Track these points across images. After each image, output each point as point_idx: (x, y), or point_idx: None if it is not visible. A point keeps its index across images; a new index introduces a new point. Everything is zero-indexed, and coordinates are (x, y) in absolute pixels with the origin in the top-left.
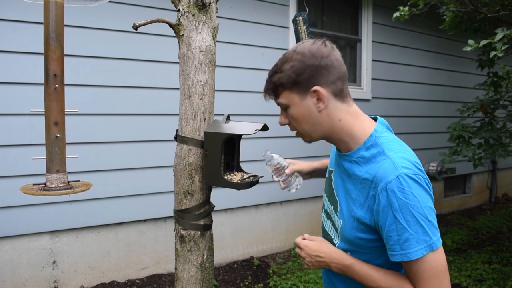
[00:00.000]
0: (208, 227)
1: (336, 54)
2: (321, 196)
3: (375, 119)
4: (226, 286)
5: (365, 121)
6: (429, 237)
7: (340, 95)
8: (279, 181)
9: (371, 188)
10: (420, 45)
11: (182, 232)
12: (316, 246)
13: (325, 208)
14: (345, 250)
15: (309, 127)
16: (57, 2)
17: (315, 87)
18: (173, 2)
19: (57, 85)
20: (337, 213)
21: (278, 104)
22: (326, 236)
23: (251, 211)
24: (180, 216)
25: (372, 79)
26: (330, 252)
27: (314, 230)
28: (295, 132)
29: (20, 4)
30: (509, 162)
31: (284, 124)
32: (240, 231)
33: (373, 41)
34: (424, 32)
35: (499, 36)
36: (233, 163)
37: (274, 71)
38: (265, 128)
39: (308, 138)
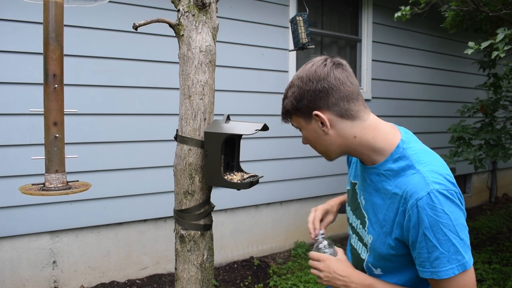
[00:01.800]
0: (208, 227)
1: (337, 73)
2: (321, 196)
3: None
4: (226, 286)
5: (386, 131)
6: (462, 256)
7: (347, 114)
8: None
9: (401, 204)
10: (420, 45)
11: (182, 232)
12: (337, 265)
13: (350, 221)
14: (375, 264)
15: (322, 148)
16: (57, 2)
17: (315, 112)
18: (173, 2)
19: (56, 85)
20: (365, 228)
21: (293, 126)
22: (353, 250)
23: (251, 211)
24: (180, 216)
25: (372, 79)
26: (352, 273)
27: None
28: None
29: (20, 4)
30: (509, 162)
31: (305, 144)
32: (240, 231)
33: (373, 41)
34: (424, 32)
35: (500, 36)
36: (233, 163)
37: (283, 97)
38: (265, 128)
39: (327, 157)
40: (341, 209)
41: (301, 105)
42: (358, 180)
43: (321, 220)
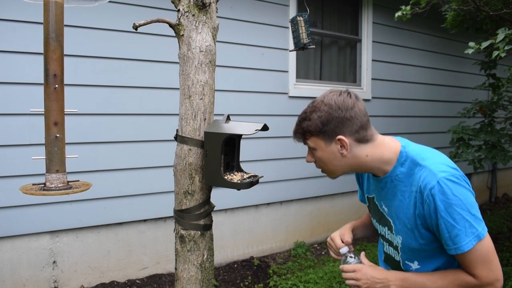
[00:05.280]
0: (208, 227)
1: (360, 105)
2: (321, 196)
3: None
4: (226, 286)
5: (389, 143)
6: (475, 228)
7: (364, 139)
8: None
9: (418, 197)
10: (420, 45)
11: (182, 232)
12: (372, 270)
13: (379, 232)
14: (411, 259)
15: (334, 168)
16: (57, 2)
17: (339, 136)
18: (173, 2)
19: (56, 85)
20: (393, 232)
21: (306, 145)
22: (388, 257)
23: (251, 211)
24: (180, 216)
25: (372, 79)
26: (387, 273)
27: (314, 230)
28: (321, 169)
29: (20, 4)
30: (509, 163)
31: (310, 162)
32: (240, 231)
33: (373, 41)
34: (425, 32)
35: (500, 36)
36: (233, 163)
37: (304, 118)
38: (265, 128)
39: (333, 176)
40: (355, 231)
41: (327, 128)
42: (374, 193)
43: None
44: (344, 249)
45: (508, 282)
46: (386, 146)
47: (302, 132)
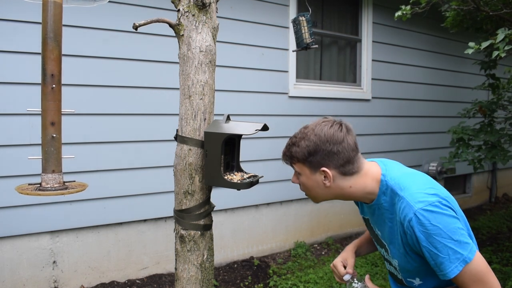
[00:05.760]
0: (208, 227)
1: (349, 139)
2: None
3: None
4: (226, 286)
5: (372, 172)
6: (460, 254)
7: (348, 173)
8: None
9: (401, 228)
10: (420, 45)
11: (182, 232)
12: None
13: (379, 251)
14: (411, 276)
15: (317, 195)
16: (56, 2)
17: (323, 168)
18: (173, 2)
19: (54, 85)
20: (389, 254)
21: (293, 168)
22: (391, 274)
23: (251, 211)
24: (180, 216)
25: (372, 79)
26: None
27: (314, 230)
28: (305, 193)
29: (20, 4)
30: (509, 163)
31: (295, 183)
32: (240, 231)
33: (373, 41)
34: (425, 32)
35: (500, 36)
36: (233, 163)
37: (293, 143)
38: (265, 128)
39: (316, 201)
40: (359, 250)
41: (313, 159)
42: (368, 215)
43: (345, 267)
44: (347, 277)
45: (508, 282)
46: (369, 176)
47: (290, 156)
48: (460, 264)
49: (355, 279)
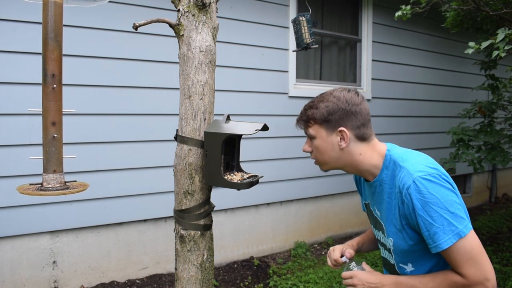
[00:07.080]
0: (208, 227)
1: (365, 104)
2: (321, 196)
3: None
4: (226, 286)
5: (379, 147)
6: (455, 226)
7: (362, 137)
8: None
9: (399, 198)
10: (420, 45)
11: (182, 232)
12: (367, 275)
13: (377, 237)
14: (404, 261)
15: (329, 159)
16: (56, 2)
17: (342, 128)
18: (173, 2)
19: (55, 85)
20: (385, 234)
21: (306, 133)
22: (385, 261)
23: (251, 211)
24: (180, 216)
25: (372, 79)
26: (382, 278)
27: (314, 230)
28: (314, 160)
29: (20, 4)
30: (509, 162)
31: (307, 152)
32: (240, 231)
33: (373, 41)
34: (425, 32)
35: (500, 36)
36: (233, 163)
37: (310, 106)
38: (265, 128)
39: (325, 168)
40: (360, 246)
41: (332, 118)
42: (369, 199)
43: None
44: (344, 258)
45: (508, 282)
46: (376, 150)
47: (306, 119)
48: (453, 237)
49: (352, 261)
